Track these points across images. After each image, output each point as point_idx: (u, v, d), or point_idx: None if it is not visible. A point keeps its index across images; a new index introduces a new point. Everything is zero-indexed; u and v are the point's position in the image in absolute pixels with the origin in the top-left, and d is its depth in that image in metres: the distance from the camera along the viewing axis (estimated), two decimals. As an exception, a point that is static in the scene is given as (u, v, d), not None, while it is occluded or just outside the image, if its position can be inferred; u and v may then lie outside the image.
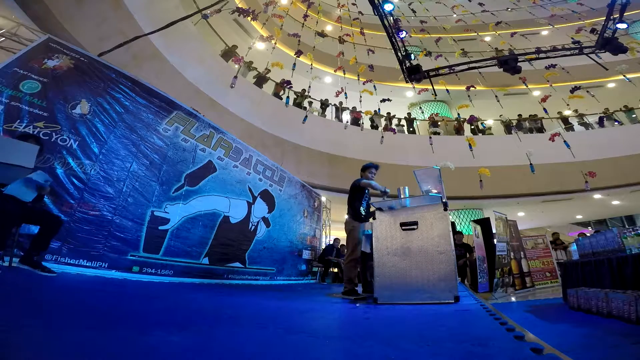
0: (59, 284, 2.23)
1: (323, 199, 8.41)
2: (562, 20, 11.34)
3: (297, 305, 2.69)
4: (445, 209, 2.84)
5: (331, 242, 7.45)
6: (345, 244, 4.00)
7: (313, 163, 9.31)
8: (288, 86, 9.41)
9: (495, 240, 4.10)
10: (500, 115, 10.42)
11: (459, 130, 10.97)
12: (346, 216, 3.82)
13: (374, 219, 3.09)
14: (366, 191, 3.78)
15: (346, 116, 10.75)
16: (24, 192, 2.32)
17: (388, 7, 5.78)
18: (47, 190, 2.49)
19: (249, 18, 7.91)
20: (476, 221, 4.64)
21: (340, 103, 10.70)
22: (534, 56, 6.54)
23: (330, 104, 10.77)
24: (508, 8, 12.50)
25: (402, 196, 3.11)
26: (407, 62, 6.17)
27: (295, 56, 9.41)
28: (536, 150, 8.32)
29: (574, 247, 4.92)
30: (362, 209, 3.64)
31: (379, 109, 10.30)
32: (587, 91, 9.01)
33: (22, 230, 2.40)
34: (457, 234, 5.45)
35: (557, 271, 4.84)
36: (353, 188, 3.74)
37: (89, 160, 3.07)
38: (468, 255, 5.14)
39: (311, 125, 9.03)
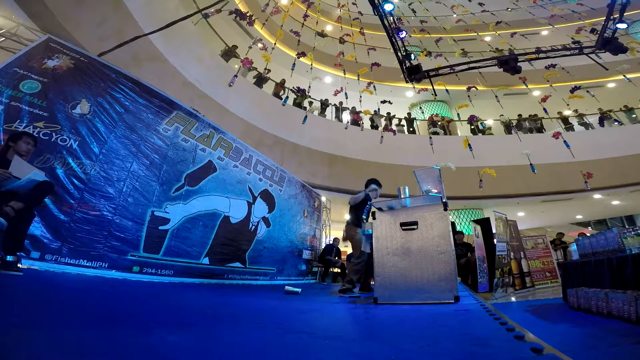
0: (59, 284, 2.23)
1: (323, 199, 8.41)
2: (562, 20, 11.34)
3: (297, 305, 2.69)
4: (445, 209, 2.83)
5: (331, 242, 7.44)
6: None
7: (313, 163, 9.30)
8: (300, 92, 9.42)
9: (495, 240, 4.09)
10: (501, 115, 10.41)
11: (451, 131, 11.07)
12: (347, 216, 3.87)
13: (374, 218, 3.09)
14: (368, 200, 3.90)
15: (346, 116, 10.73)
16: None
17: (388, 7, 5.78)
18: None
19: (246, 22, 7.91)
20: (476, 221, 4.64)
21: (340, 103, 10.69)
22: (534, 56, 6.54)
23: (330, 104, 10.76)
24: (508, 8, 12.49)
25: (402, 196, 3.11)
26: (407, 62, 6.17)
27: (296, 57, 9.40)
28: (536, 150, 8.31)
29: (574, 247, 4.92)
30: (363, 216, 3.83)
31: (378, 109, 10.29)
32: (587, 91, 9.00)
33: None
34: (457, 233, 5.44)
35: (557, 271, 4.84)
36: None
37: (89, 160, 3.07)
38: (469, 255, 5.12)
39: (311, 125, 9.02)
